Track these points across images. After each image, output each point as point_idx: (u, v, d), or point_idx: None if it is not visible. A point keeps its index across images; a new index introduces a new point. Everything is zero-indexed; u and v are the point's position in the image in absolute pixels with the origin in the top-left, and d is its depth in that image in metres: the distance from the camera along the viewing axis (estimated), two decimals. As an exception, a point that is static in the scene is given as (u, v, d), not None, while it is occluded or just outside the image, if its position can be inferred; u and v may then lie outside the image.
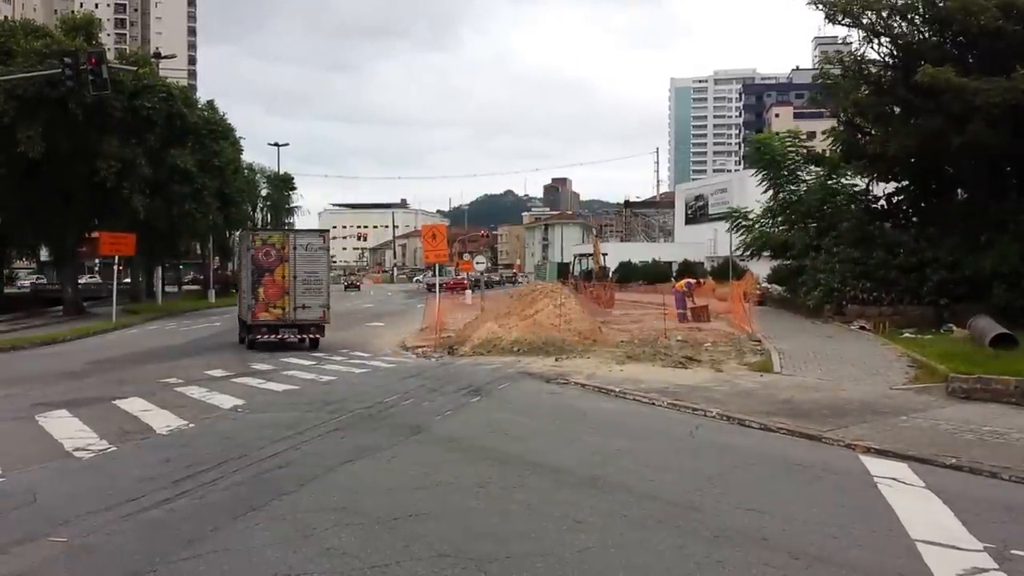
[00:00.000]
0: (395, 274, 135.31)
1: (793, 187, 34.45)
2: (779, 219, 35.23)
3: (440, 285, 36.46)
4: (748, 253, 37.97)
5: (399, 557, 6.74)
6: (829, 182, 32.81)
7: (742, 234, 37.20)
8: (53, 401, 15.57)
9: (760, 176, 36.09)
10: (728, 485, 9.20)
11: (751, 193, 41.24)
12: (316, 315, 25.86)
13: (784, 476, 9.77)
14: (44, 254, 71.78)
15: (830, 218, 31.56)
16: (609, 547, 7.02)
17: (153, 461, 10.33)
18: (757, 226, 36.33)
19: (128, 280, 61.95)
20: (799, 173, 34.50)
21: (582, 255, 69.55)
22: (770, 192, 35.54)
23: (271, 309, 25.31)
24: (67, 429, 12.62)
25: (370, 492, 8.79)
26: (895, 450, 10.87)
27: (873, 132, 28.58)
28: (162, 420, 13.31)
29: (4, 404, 15.49)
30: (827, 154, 33.79)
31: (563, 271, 75.86)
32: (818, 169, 33.81)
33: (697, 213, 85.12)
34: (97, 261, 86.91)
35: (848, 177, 32.44)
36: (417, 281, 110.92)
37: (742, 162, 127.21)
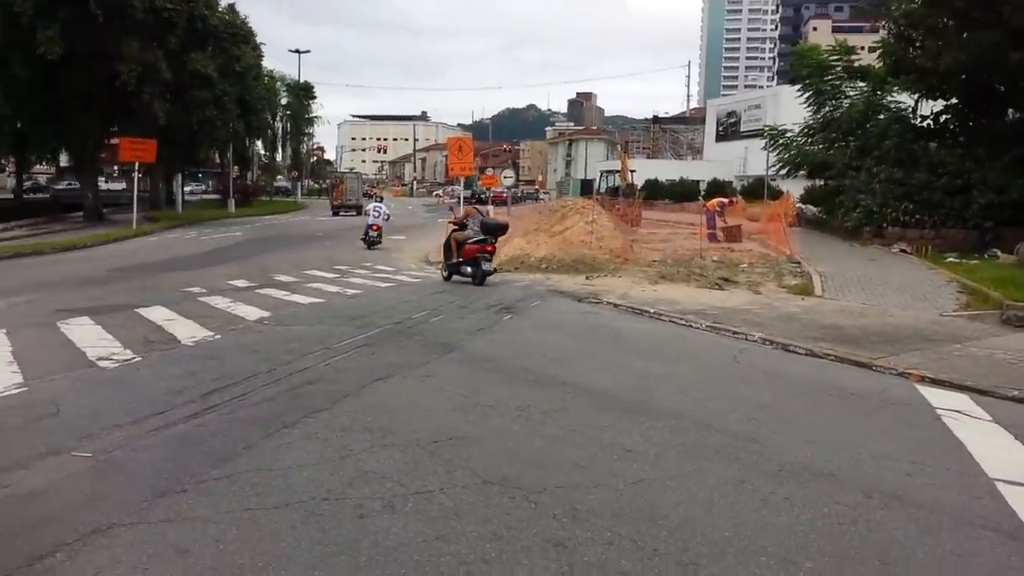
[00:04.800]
0: (415, 188, 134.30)
1: (834, 103, 33.34)
2: (818, 137, 34.19)
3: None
4: (784, 172, 37.02)
5: (442, 483, 6.32)
6: (873, 98, 31.71)
7: (778, 152, 36.15)
8: (75, 308, 15.20)
9: (800, 89, 34.89)
10: (783, 414, 8.74)
11: (787, 110, 40.17)
12: (354, 203, 59.86)
13: (841, 406, 9.29)
14: (64, 160, 71.40)
15: (872, 136, 30.58)
16: (665, 479, 6.58)
17: (179, 373, 9.93)
18: (795, 144, 35.25)
19: (148, 188, 61.43)
20: (842, 88, 33.33)
21: (608, 171, 68.70)
22: (810, 108, 34.44)
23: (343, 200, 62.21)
24: (89, 337, 12.24)
25: (406, 412, 8.35)
26: (952, 380, 10.43)
27: (924, 45, 27.46)
28: (187, 330, 12.91)
29: (25, 310, 15.14)
30: (873, 68, 32.64)
31: (587, 188, 75.00)
32: (862, 84, 32.67)
33: (729, 130, 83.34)
34: (116, 168, 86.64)
35: (894, 94, 31.37)
36: (436, 195, 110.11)
37: (776, 77, 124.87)
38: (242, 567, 4.91)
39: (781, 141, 35.74)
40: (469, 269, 19.83)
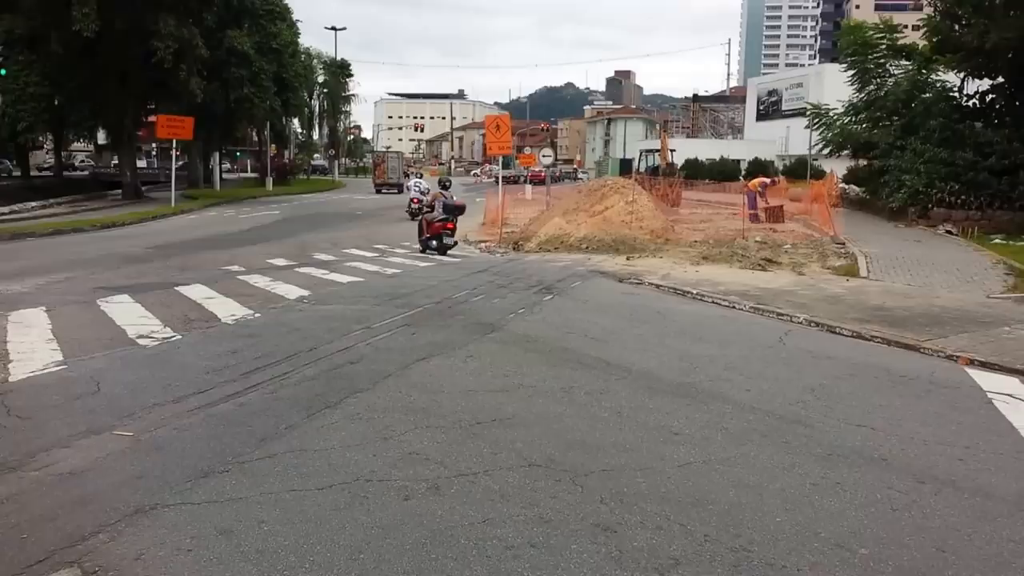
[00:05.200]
0: (452, 167, 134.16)
1: (879, 81, 32.71)
2: (862, 116, 33.57)
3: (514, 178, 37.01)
4: (827, 151, 36.43)
5: (487, 466, 6.22)
6: (918, 77, 31.08)
7: (822, 131, 35.55)
8: (115, 285, 15.27)
9: (846, 67, 34.24)
10: (831, 397, 8.55)
11: (830, 88, 39.51)
12: (395, 181, 61.70)
13: (890, 389, 9.08)
14: (101, 137, 71.99)
15: (917, 116, 29.99)
16: (713, 463, 6.44)
17: (220, 351, 9.90)
18: (838, 123, 34.65)
19: (186, 166, 61.73)
20: (887, 67, 32.69)
21: (648, 151, 68.09)
22: (854, 87, 33.82)
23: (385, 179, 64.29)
24: (129, 315, 12.27)
25: (448, 393, 8.26)
26: (1003, 363, 10.19)
27: (970, 23, 26.83)
28: (227, 309, 12.90)
29: (66, 287, 15.21)
30: (918, 46, 32.01)
31: (625, 167, 74.48)
32: (907, 63, 32.02)
33: (770, 109, 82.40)
34: (154, 146, 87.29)
35: (939, 72, 30.74)
36: (474, 175, 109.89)
37: (817, 56, 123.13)
38: (286, 549, 4.84)
39: (824, 120, 35.11)
40: (435, 243, 22.60)
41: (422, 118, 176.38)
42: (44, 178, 65.02)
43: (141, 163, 72.63)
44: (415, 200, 33.97)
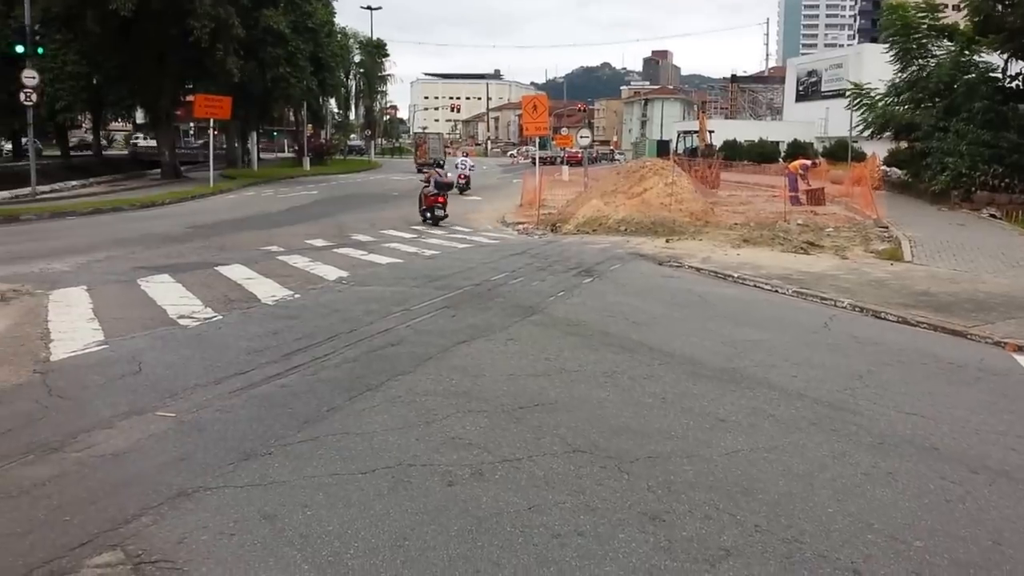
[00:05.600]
0: (489, 147, 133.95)
1: (922, 62, 32.07)
2: (904, 97, 32.95)
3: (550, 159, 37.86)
4: (868, 133, 35.83)
5: (530, 451, 6.14)
6: (961, 58, 30.44)
7: (863, 112, 34.95)
8: (155, 265, 15.33)
9: (888, 47, 33.61)
10: (880, 384, 8.38)
11: (870, 69, 38.81)
12: (439, 156, 59.36)
13: (939, 376, 8.91)
14: (139, 117, 72.46)
15: (960, 97, 29.40)
16: (761, 451, 6.31)
17: (260, 332, 9.89)
18: (880, 104, 34.05)
19: (224, 146, 61.99)
20: (929, 47, 32.05)
21: (686, 132, 67.63)
22: (895, 68, 33.18)
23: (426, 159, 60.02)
24: (170, 295, 12.29)
25: (490, 376, 8.18)
26: (1052, 351, 9.96)
27: (1014, 4, 26.22)
28: (266, 289, 12.90)
29: (106, 266, 15.28)
30: (959, 26, 31.36)
31: (663, 148, 74.01)
32: (949, 44, 31.38)
33: (809, 89, 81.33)
34: (192, 125, 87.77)
35: (982, 53, 30.10)
36: (511, 155, 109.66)
37: (856, 36, 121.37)
38: (330, 535, 4.79)
39: (866, 101, 34.49)
40: (428, 214, 25.85)
41: (458, 98, 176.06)
42: (83, 157, 65.53)
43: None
44: (461, 176, 39.44)
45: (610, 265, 16.49)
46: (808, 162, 34.99)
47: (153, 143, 67.73)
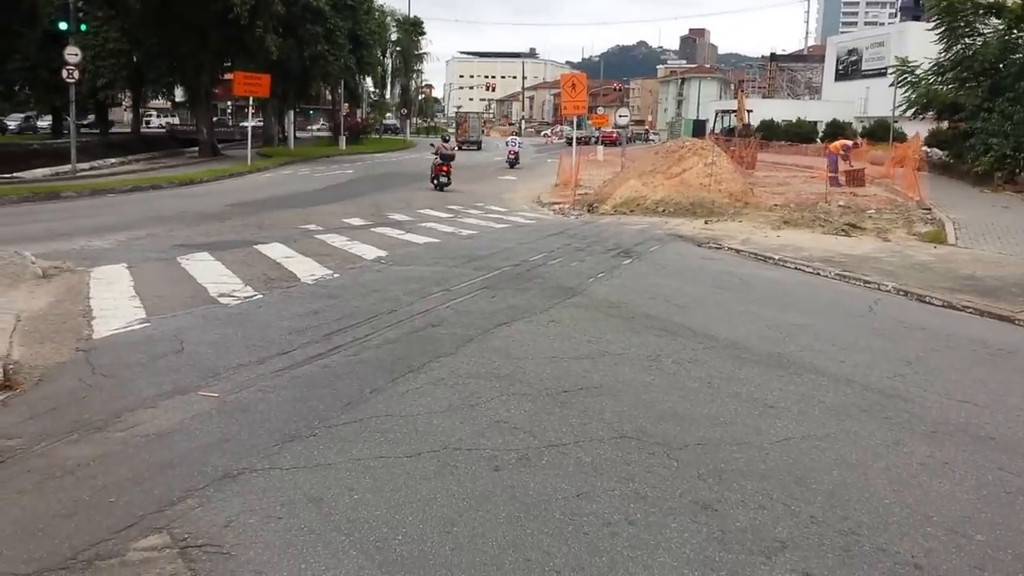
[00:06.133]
0: (523, 126, 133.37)
1: (968, 41, 31.41)
2: (948, 76, 32.31)
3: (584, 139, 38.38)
4: (911, 113, 35.22)
5: (576, 436, 6.05)
6: (1008, 37, 29.78)
7: (906, 90, 34.32)
8: (194, 243, 15.35)
9: (933, 26, 32.93)
10: (929, 371, 8.21)
11: (913, 48, 37.99)
12: (475, 139, 72.43)
13: (989, 362, 8.72)
14: (178, 95, 72.77)
15: (1007, 77, 28.79)
16: (813, 438, 6.18)
17: (301, 312, 9.85)
18: (924, 83, 33.42)
19: (261, 123, 62.15)
20: (976, 25, 31.37)
21: (724, 111, 66.99)
22: (940, 46, 32.52)
23: (466, 136, 71.60)
24: (210, 273, 12.29)
25: (532, 359, 8.08)
26: (1104, 337, 9.74)
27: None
28: (306, 268, 12.88)
29: (146, 244, 15.32)
30: (1007, 3, 30.66)
31: (698, 128, 73.36)
32: (996, 22, 30.70)
33: (849, 69, 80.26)
34: (229, 104, 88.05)
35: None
36: (545, 135, 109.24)
37: (898, 14, 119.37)
38: (377, 519, 4.72)
39: (911, 79, 33.84)
40: (435, 180, 30.24)
41: (493, 77, 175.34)
42: (121, 135, 66.01)
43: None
44: (511, 152, 46.69)
45: (649, 246, 16.33)
46: (849, 142, 34.49)
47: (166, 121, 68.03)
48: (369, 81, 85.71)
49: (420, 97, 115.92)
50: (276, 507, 4.85)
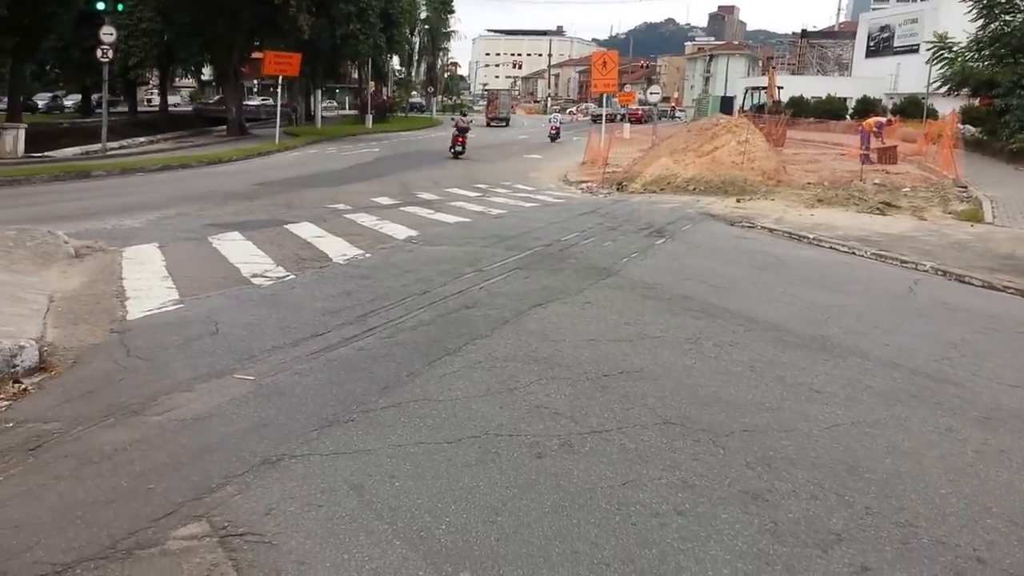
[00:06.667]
0: (549, 104, 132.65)
1: (1008, 17, 30.77)
2: (985, 53, 31.70)
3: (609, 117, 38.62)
4: (945, 89, 34.63)
5: (619, 422, 5.91)
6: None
7: (943, 67, 33.67)
8: (225, 222, 15.30)
9: (971, 2, 32.25)
10: (977, 354, 8.02)
11: (947, 24, 37.28)
12: (504, 116, 78.24)
13: (1038, 346, 8.50)
14: (206, 74, 72.81)
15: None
16: (863, 425, 6.02)
17: (334, 292, 9.76)
18: (960, 59, 32.79)
19: (287, 103, 62.09)
20: (1016, 2, 30.71)
21: (754, 88, 66.34)
22: (977, 23, 31.91)
23: (495, 113, 78.06)
24: (241, 253, 12.22)
25: (570, 341, 7.95)
26: None
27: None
28: (337, 248, 12.79)
29: (177, 223, 15.28)
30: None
31: (726, 105, 72.69)
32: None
33: (880, 45, 79.15)
34: (256, 83, 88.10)
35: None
36: (570, 112, 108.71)
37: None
38: (420, 508, 4.62)
39: (947, 55, 33.21)
40: (452, 149, 34.77)
41: (519, 55, 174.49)
42: (149, 113, 66.25)
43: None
44: (553, 127, 50.69)
45: (681, 225, 16.14)
46: (883, 119, 33.97)
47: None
48: (396, 59, 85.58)
49: (446, 75, 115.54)
50: (316, 494, 4.76)
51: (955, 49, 32.89)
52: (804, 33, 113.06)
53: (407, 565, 4.09)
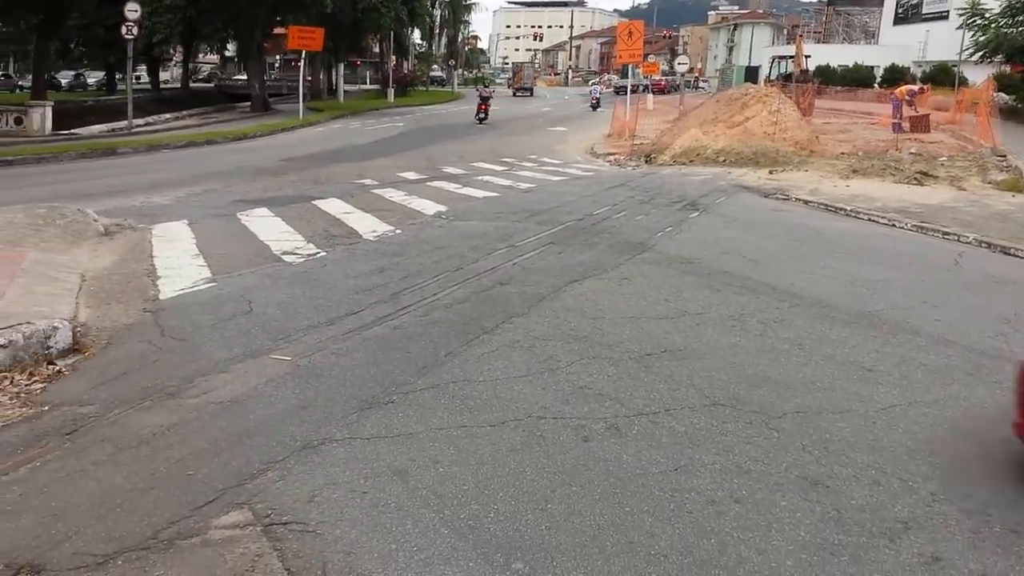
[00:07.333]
0: (570, 76, 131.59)
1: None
2: (1020, 19, 31.04)
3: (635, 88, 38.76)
4: (978, 56, 33.97)
5: (667, 404, 5.73)
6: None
7: (975, 34, 32.98)
8: (253, 199, 15.17)
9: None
10: (1031, 330, 7.77)
11: (975, -11, 36.64)
12: (528, 86, 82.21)
13: (1093, 322, 8.24)
14: (229, 49, 72.58)
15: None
16: (920, 405, 5.83)
17: (366, 270, 9.61)
18: (994, 26, 32.12)
19: (309, 77, 61.82)
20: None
21: (780, 57, 65.51)
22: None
23: (520, 84, 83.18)
24: (271, 230, 12.08)
25: (609, 319, 7.76)
26: None
27: None
28: (366, 224, 12.63)
29: (205, 200, 15.16)
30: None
31: (751, 75, 71.85)
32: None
33: (909, 12, 77.86)
34: (277, 58, 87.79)
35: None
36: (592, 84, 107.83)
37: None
38: (466, 495, 4.47)
39: (980, 22, 32.54)
40: (477, 116, 38.58)
41: (540, 27, 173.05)
42: (172, 90, 66.14)
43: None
44: (593, 97, 53.83)
45: (715, 198, 15.87)
46: (916, 87, 33.30)
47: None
48: (416, 33, 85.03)
49: (466, 48, 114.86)
50: (360, 480, 4.62)
51: (988, 16, 32.22)
52: (831, 1, 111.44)
53: (457, 555, 3.95)
